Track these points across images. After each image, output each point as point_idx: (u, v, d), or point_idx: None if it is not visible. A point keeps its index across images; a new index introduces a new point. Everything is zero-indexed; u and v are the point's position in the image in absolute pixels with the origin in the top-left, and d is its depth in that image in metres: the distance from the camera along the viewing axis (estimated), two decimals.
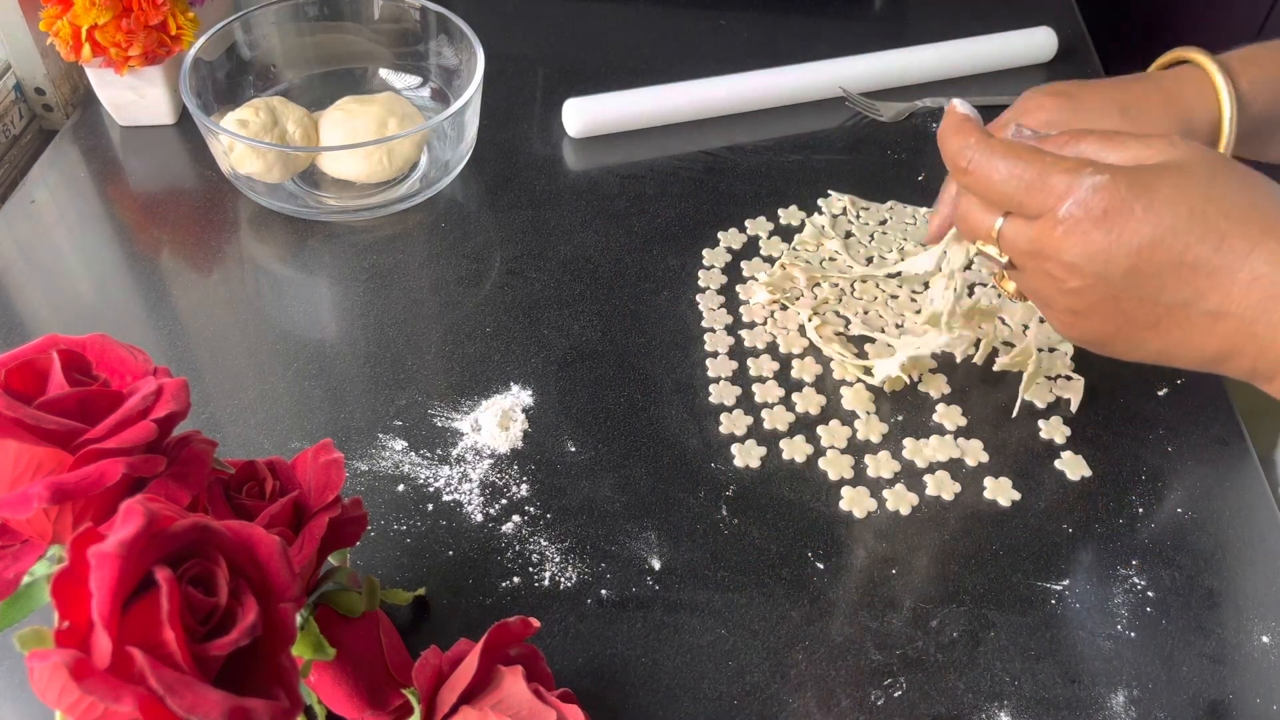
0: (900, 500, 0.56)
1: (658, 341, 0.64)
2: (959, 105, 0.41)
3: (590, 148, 0.78)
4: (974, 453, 0.58)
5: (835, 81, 0.81)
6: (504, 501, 0.56)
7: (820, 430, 0.59)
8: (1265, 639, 0.51)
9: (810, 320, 0.63)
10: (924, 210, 0.72)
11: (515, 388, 0.61)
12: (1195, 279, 0.36)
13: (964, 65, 0.84)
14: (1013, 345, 0.63)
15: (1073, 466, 0.58)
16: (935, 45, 0.84)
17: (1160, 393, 0.61)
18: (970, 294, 0.66)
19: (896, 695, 0.49)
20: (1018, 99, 0.54)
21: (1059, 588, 0.53)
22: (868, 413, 0.60)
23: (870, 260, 0.69)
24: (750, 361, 0.63)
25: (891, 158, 0.77)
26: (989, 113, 0.81)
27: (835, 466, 0.58)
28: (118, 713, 0.30)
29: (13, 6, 0.75)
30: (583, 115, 0.77)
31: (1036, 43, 0.85)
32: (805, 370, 0.62)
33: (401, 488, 0.56)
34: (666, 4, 0.92)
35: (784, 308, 0.65)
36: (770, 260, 0.69)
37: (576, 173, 0.76)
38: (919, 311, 0.61)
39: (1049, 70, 0.86)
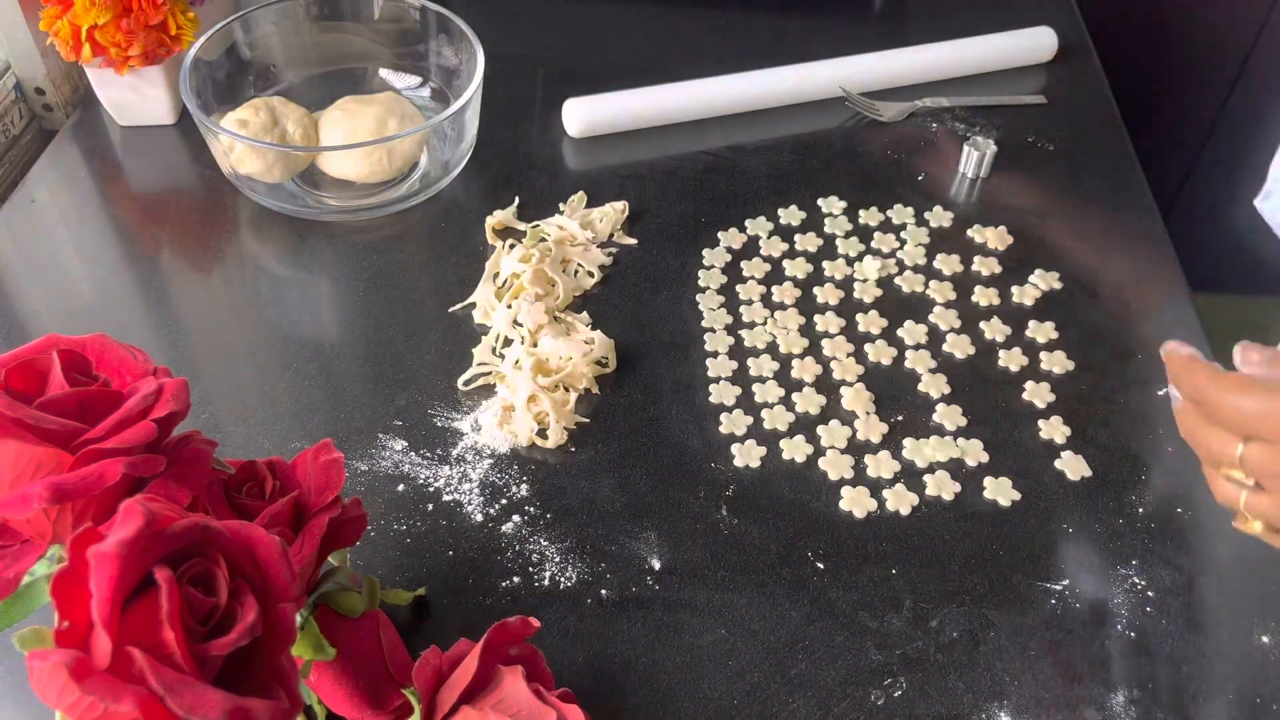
0: (900, 500, 0.56)
1: (658, 341, 0.64)
2: (1178, 347, 0.45)
3: (590, 148, 0.78)
4: (974, 453, 0.58)
5: (835, 81, 0.81)
6: (504, 501, 0.56)
7: (820, 430, 0.59)
8: (1265, 639, 0.51)
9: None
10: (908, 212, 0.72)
11: None
12: None
13: (964, 65, 0.84)
14: None
15: (1073, 466, 0.58)
16: (935, 45, 0.84)
17: (1160, 392, 0.61)
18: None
19: (896, 695, 0.49)
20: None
21: (1059, 588, 0.53)
22: (868, 413, 0.60)
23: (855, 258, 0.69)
24: (750, 361, 0.63)
25: (891, 158, 0.77)
26: (990, 113, 0.81)
27: (835, 466, 0.58)
28: (117, 713, 0.30)
29: (13, 6, 0.75)
30: (583, 115, 0.77)
31: (1036, 42, 0.85)
32: (805, 370, 0.62)
33: (401, 488, 0.56)
34: (666, 4, 0.92)
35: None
36: (770, 260, 0.69)
37: (576, 173, 0.76)
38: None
39: (1049, 70, 0.86)
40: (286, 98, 0.74)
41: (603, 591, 0.52)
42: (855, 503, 0.56)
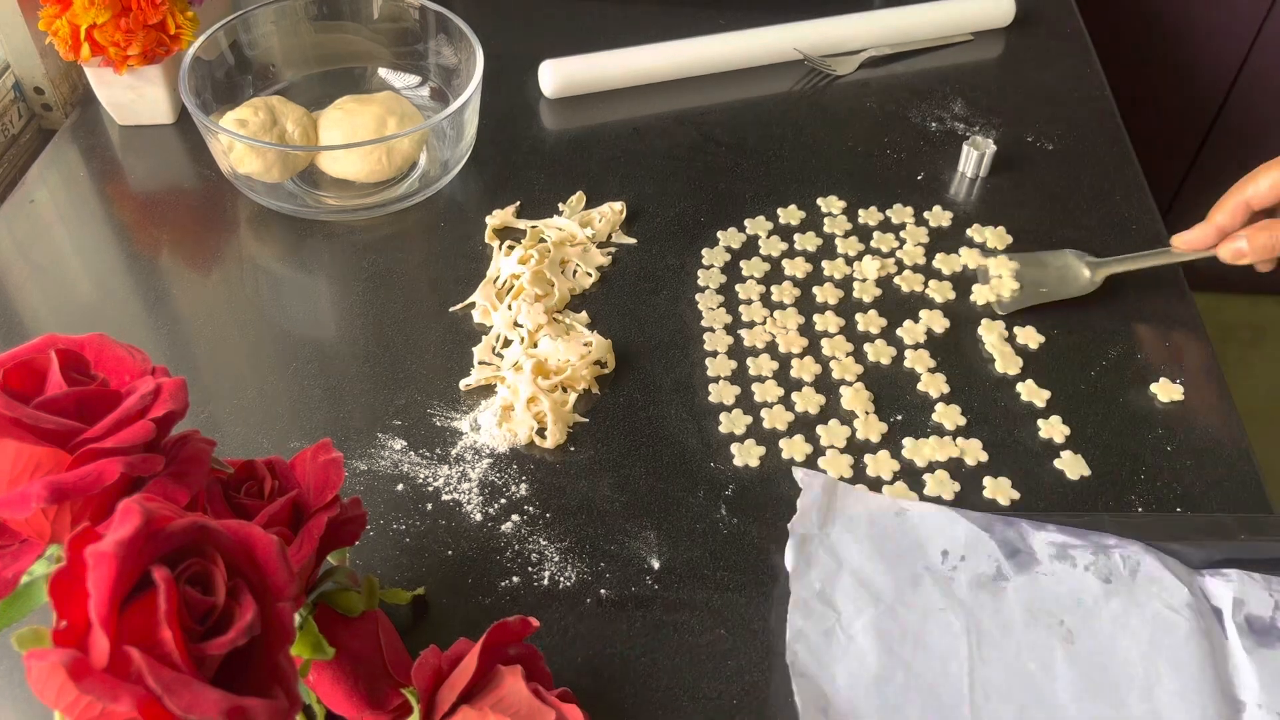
0: None
1: (657, 341, 0.64)
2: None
3: (590, 147, 0.78)
4: (973, 452, 0.58)
5: (792, 43, 0.84)
6: (503, 501, 0.56)
7: (820, 430, 0.59)
8: None
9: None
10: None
11: None
12: None
13: (924, 30, 0.87)
14: None
15: (1072, 466, 0.58)
16: (895, 10, 0.87)
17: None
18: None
19: None
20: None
21: None
22: (867, 412, 0.60)
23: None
24: (750, 361, 0.63)
25: (892, 158, 0.77)
26: (989, 113, 0.81)
27: (835, 466, 0.58)
28: (115, 712, 0.30)
29: (12, 6, 0.75)
30: (558, 75, 0.80)
31: (994, 7, 0.87)
32: (805, 370, 0.62)
33: (401, 487, 0.56)
34: (666, 4, 0.92)
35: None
36: (770, 260, 0.69)
37: (575, 172, 0.76)
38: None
39: (1049, 68, 0.85)
40: (286, 97, 0.74)
41: (602, 591, 0.52)
42: None
